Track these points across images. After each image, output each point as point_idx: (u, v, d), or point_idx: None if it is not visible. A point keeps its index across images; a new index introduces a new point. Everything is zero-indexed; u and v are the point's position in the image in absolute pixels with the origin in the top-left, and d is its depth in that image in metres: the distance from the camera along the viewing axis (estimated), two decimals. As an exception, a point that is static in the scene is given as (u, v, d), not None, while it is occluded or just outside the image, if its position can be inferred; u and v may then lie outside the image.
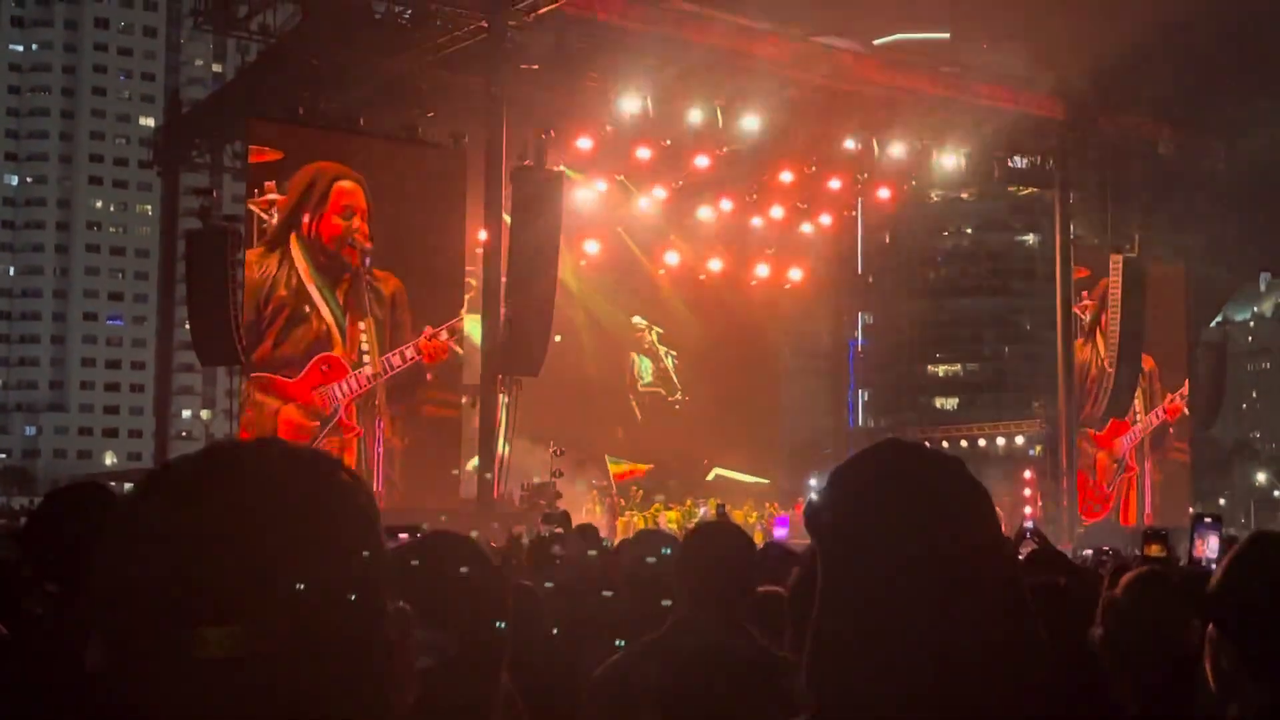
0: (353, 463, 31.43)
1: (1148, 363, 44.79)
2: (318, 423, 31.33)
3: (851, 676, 1.59)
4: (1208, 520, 8.30)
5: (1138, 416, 44.76)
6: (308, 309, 31.66)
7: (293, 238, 31.53)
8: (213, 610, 1.17)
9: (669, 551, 4.80)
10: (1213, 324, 62.42)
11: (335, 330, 31.93)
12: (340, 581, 1.23)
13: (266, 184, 31.42)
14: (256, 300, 31.23)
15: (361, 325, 32.13)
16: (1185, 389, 46.57)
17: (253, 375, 31.22)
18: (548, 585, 7.01)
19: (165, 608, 1.17)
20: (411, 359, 32.60)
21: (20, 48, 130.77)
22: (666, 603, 4.03)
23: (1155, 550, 8.58)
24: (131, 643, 1.19)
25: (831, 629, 1.62)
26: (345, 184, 32.12)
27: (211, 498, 1.23)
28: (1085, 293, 43.09)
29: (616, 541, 11.87)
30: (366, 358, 32.09)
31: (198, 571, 1.18)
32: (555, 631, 5.24)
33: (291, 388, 31.34)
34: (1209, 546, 8.03)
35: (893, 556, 1.59)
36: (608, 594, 6.18)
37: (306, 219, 31.68)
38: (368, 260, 32.20)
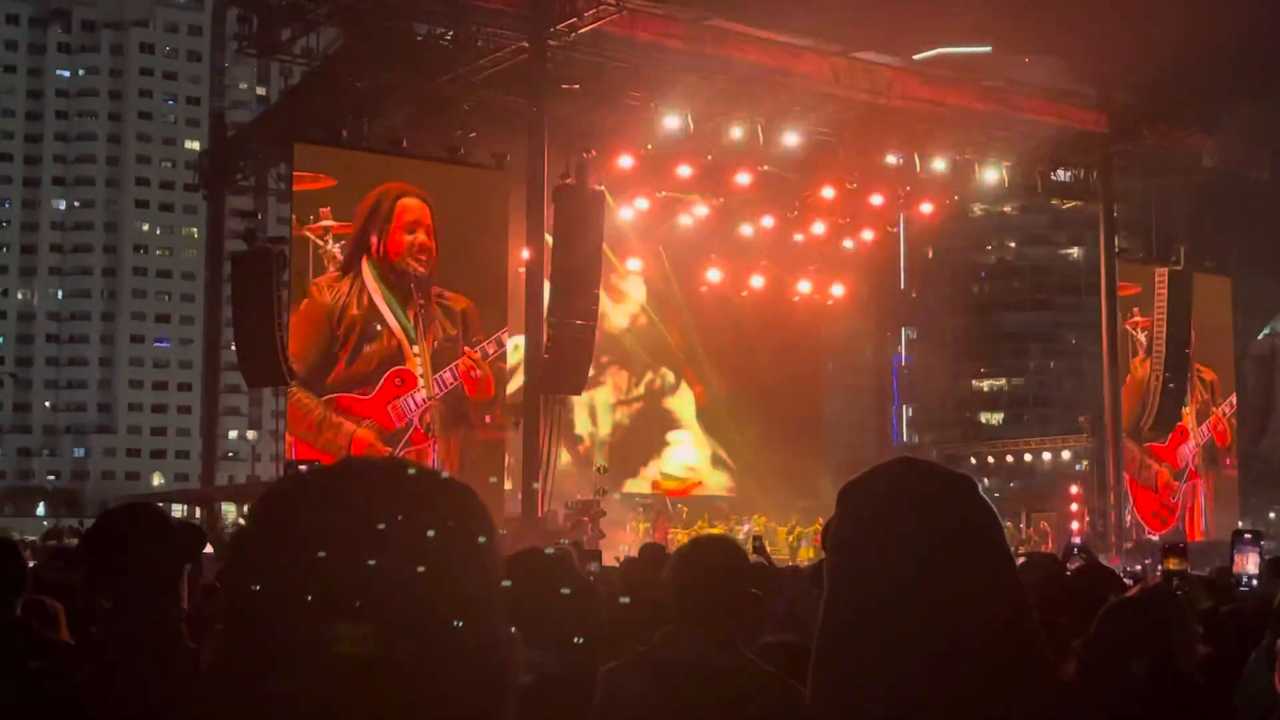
0: (429, 472, 31.71)
1: (1208, 374, 44.58)
2: (389, 448, 31.52)
3: (850, 684, 1.62)
4: (1247, 536, 8.29)
5: (1194, 426, 44.48)
6: (378, 326, 31.95)
7: (364, 261, 31.88)
8: (350, 609, 1.23)
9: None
10: (1261, 336, 61.89)
11: (406, 345, 32.20)
12: (468, 598, 1.30)
13: (321, 210, 31.70)
14: (330, 323, 31.47)
15: (416, 350, 32.30)
16: (1231, 403, 46.20)
17: (326, 398, 31.40)
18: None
19: (307, 602, 1.23)
20: (451, 384, 32.77)
21: (67, 73, 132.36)
22: None
23: (1174, 564, 8.56)
24: (270, 635, 1.25)
25: (831, 639, 1.65)
26: (409, 200, 32.40)
27: (351, 504, 1.29)
28: (1136, 309, 42.78)
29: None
30: (422, 380, 32.31)
31: (338, 571, 1.24)
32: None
33: (367, 405, 31.57)
34: (1249, 562, 8.01)
35: (892, 571, 1.61)
36: (624, 600, 6.22)
37: (375, 240, 32.01)
38: (431, 280, 32.45)
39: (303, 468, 1.35)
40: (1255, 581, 7.82)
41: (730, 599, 3.83)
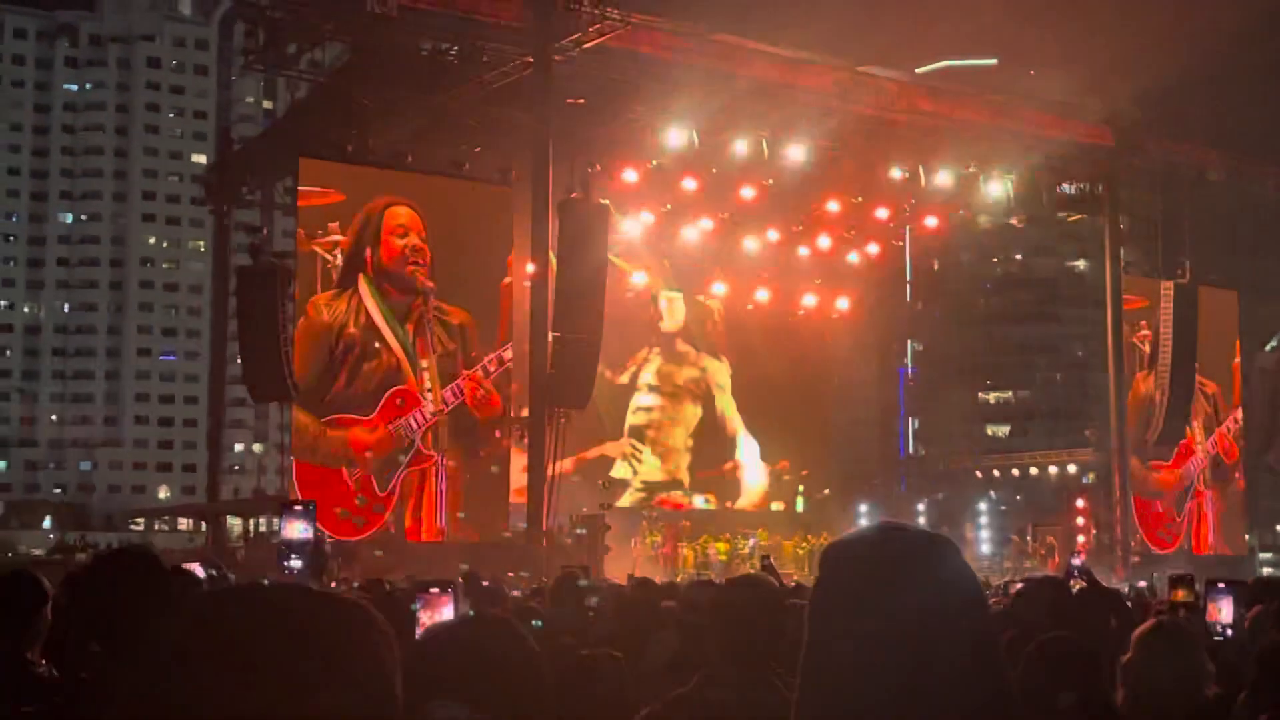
0: (431, 491, 31.77)
1: (1212, 388, 44.43)
2: (383, 495, 31.48)
3: None
4: (1221, 586, 8.04)
5: (1200, 441, 44.33)
6: (377, 344, 31.98)
7: (360, 277, 31.94)
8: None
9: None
10: (1268, 349, 61.73)
11: (406, 363, 32.18)
12: (363, 701, 1.39)
13: (330, 225, 31.76)
14: (328, 342, 31.48)
15: (424, 364, 32.30)
16: (1236, 418, 46.05)
17: (324, 418, 31.34)
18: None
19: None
20: (453, 401, 32.76)
21: (74, 87, 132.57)
22: None
23: (1182, 595, 8.35)
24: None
25: (807, 698, 1.66)
26: (397, 209, 32.51)
27: (245, 626, 1.41)
28: (1144, 323, 42.71)
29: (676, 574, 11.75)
30: (429, 395, 32.30)
31: (231, 696, 1.34)
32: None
33: (365, 425, 31.51)
34: (1223, 613, 7.79)
35: (862, 643, 1.61)
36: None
37: (368, 252, 32.09)
38: (430, 291, 32.46)
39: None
40: (1230, 630, 7.68)
41: (767, 640, 3.84)
